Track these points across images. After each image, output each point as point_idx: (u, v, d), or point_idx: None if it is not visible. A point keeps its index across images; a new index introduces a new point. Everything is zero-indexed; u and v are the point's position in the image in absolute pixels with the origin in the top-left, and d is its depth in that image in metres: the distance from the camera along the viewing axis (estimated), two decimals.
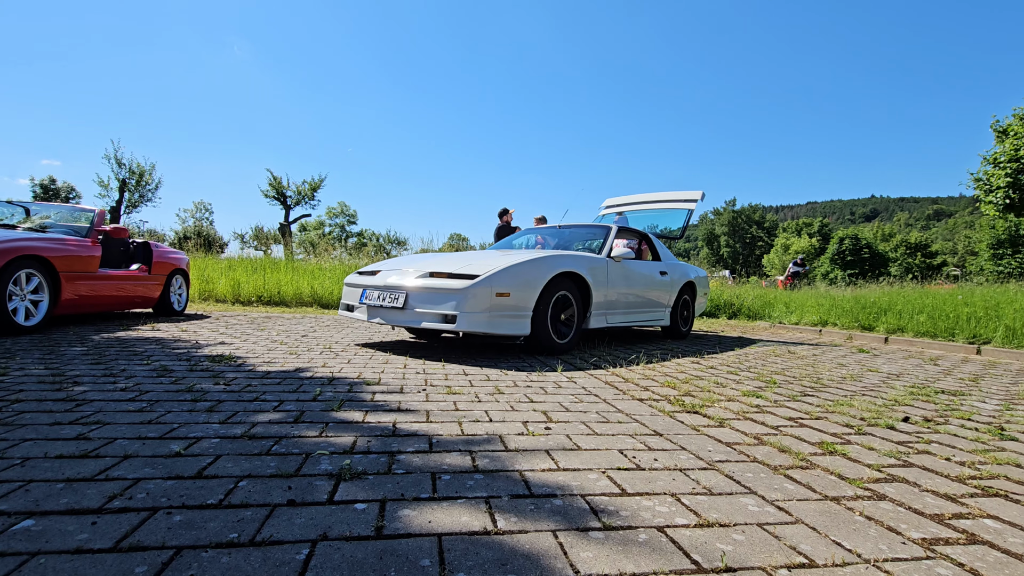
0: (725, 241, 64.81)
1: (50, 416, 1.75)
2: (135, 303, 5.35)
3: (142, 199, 27.53)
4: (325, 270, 9.51)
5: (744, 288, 12.74)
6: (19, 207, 5.03)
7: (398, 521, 1.10)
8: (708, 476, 1.46)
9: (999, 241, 21.17)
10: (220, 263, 9.92)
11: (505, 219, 8.31)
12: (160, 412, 1.85)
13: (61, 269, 4.10)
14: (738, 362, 3.93)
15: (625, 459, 1.57)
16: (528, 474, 1.40)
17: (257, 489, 1.22)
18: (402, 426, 1.81)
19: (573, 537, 1.07)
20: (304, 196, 30.71)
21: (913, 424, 2.19)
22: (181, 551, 0.94)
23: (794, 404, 2.48)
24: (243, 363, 2.92)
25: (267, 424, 1.75)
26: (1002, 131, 17.60)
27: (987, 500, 1.38)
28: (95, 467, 1.32)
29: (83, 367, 2.63)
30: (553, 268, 3.73)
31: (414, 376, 2.77)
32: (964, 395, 2.92)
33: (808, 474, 1.52)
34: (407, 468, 1.40)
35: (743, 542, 1.08)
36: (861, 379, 3.34)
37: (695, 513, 1.21)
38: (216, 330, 4.57)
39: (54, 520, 1.04)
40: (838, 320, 7.58)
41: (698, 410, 2.26)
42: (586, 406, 2.25)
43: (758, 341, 5.80)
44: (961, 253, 55.48)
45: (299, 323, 5.61)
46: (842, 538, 1.12)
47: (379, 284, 3.78)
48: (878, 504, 1.32)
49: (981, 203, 18.23)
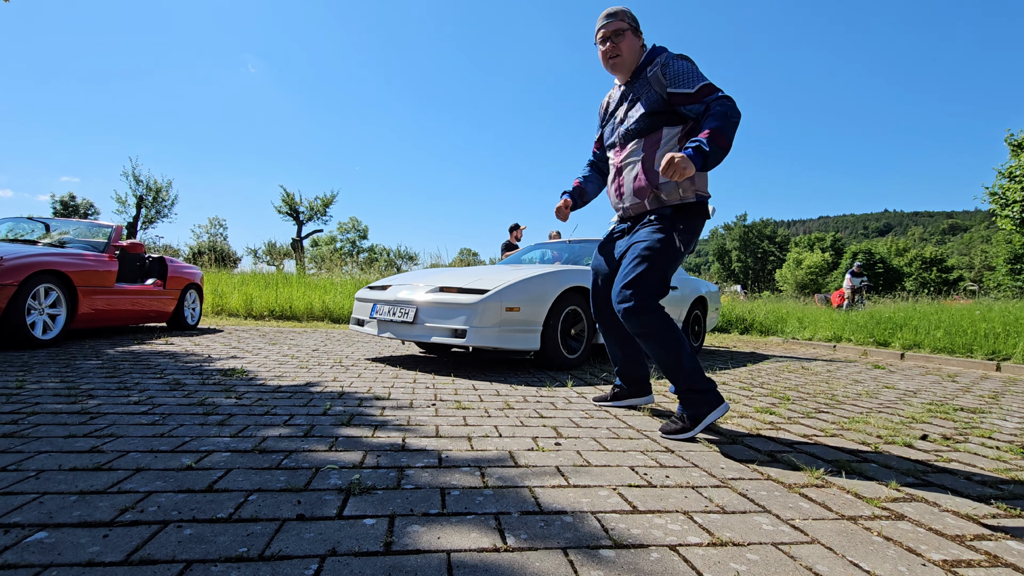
0: (736, 256, 64.47)
1: (65, 429, 1.77)
2: (150, 317, 5.43)
3: (158, 215, 28.08)
4: (336, 285, 9.59)
5: (756, 303, 12.62)
6: (39, 223, 5.15)
7: (407, 537, 1.09)
8: (721, 494, 1.44)
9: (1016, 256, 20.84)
10: (233, 278, 10.04)
11: (515, 235, 8.33)
12: (172, 425, 1.86)
13: (79, 284, 4.17)
14: (750, 378, 3.88)
15: (636, 476, 1.55)
16: (538, 490, 1.39)
17: (267, 503, 1.22)
18: (411, 441, 1.80)
19: (583, 555, 1.05)
20: (316, 212, 31.13)
21: (931, 442, 2.14)
22: (191, 565, 0.94)
23: (808, 421, 2.44)
24: (254, 377, 2.94)
25: (277, 438, 1.76)
26: (1017, 145, 17.45)
27: (1010, 520, 1.35)
28: (107, 480, 1.33)
29: (98, 380, 2.66)
30: (563, 283, 3.73)
31: (424, 391, 2.76)
32: (984, 413, 2.86)
33: (824, 493, 1.49)
34: (416, 483, 1.40)
35: (757, 562, 1.06)
36: (877, 396, 3.29)
37: (708, 532, 1.19)
38: (228, 344, 4.61)
39: (67, 532, 1.05)
40: (852, 336, 7.48)
41: (710, 427, 2.23)
42: (596, 422, 2.23)
43: (771, 357, 5.73)
44: (978, 268, 54.69)
45: (310, 337, 5.65)
46: (859, 559, 1.10)
47: (389, 299, 3.80)
48: (896, 524, 1.29)
49: (997, 217, 18.01)
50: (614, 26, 2.07)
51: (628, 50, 2.07)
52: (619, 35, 2.07)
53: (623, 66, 2.09)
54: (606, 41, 2.07)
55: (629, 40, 2.07)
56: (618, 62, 2.08)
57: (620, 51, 2.06)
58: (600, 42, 2.10)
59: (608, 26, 2.07)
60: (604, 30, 2.08)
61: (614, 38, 2.07)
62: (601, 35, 2.09)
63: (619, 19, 2.07)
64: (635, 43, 2.09)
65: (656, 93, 2.02)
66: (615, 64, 2.10)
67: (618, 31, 2.07)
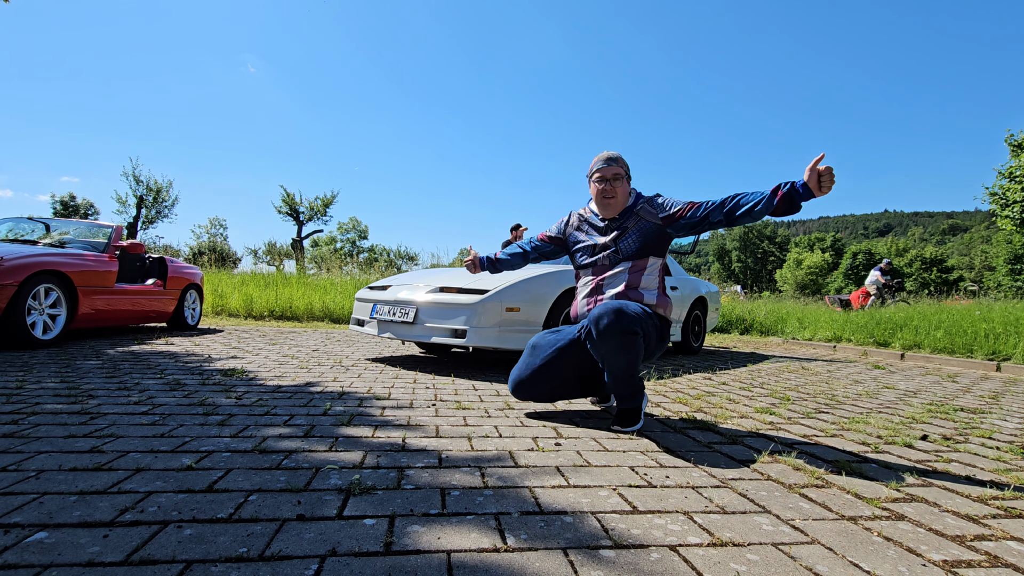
0: (736, 256, 64.47)
1: (65, 429, 1.77)
2: (150, 317, 5.43)
3: (159, 215, 28.06)
4: (336, 285, 9.59)
5: (756, 303, 12.62)
6: (40, 223, 5.15)
7: (407, 537, 1.09)
8: (721, 494, 1.44)
9: (1016, 256, 20.84)
10: (233, 278, 10.04)
11: (516, 235, 8.33)
12: (172, 426, 1.86)
13: (79, 284, 4.17)
14: (751, 378, 3.88)
15: (636, 476, 1.55)
16: (538, 490, 1.39)
17: (267, 503, 1.22)
18: (411, 441, 1.80)
19: (584, 555, 1.05)
20: (316, 212, 31.12)
21: (932, 442, 2.14)
22: (191, 565, 0.94)
23: (808, 421, 2.44)
24: (254, 377, 2.94)
25: (277, 438, 1.76)
26: (1017, 145, 17.45)
27: (1010, 521, 1.35)
28: (108, 480, 1.33)
29: (98, 380, 2.66)
30: (563, 283, 3.73)
31: (424, 391, 2.76)
32: (984, 413, 2.86)
33: (824, 493, 1.49)
34: (416, 483, 1.40)
35: (758, 562, 1.06)
36: (877, 396, 3.29)
37: (708, 532, 1.19)
38: (228, 344, 4.61)
39: (67, 532, 1.05)
40: (852, 336, 7.48)
41: (710, 427, 2.23)
42: (596, 422, 2.23)
43: (771, 357, 5.73)
44: (978, 268, 54.70)
45: (310, 338, 5.65)
46: (860, 559, 1.10)
47: (389, 299, 3.80)
48: (897, 525, 1.29)
49: (997, 217, 18.00)
50: (614, 171, 2.26)
51: (623, 193, 2.28)
52: (618, 179, 2.26)
53: (616, 206, 2.29)
54: (604, 182, 2.27)
55: (624, 185, 2.28)
56: (613, 202, 2.28)
57: (616, 194, 2.27)
58: (598, 181, 2.28)
59: (608, 170, 2.27)
60: (603, 172, 2.27)
61: (613, 181, 2.26)
62: (599, 176, 2.28)
63: (619, 165, 2.28)
64: (628, 188, 2.32)
65: (650, 223, 2.25)
66: (609, 204, 2.29)
67: (617, 176, 2.26)
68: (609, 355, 2.04)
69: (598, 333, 2.01)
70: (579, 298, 2.38)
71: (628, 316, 1.98)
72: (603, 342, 2.01)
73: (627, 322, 1.97)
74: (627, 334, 1.97)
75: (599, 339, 2.02)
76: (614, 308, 2.00)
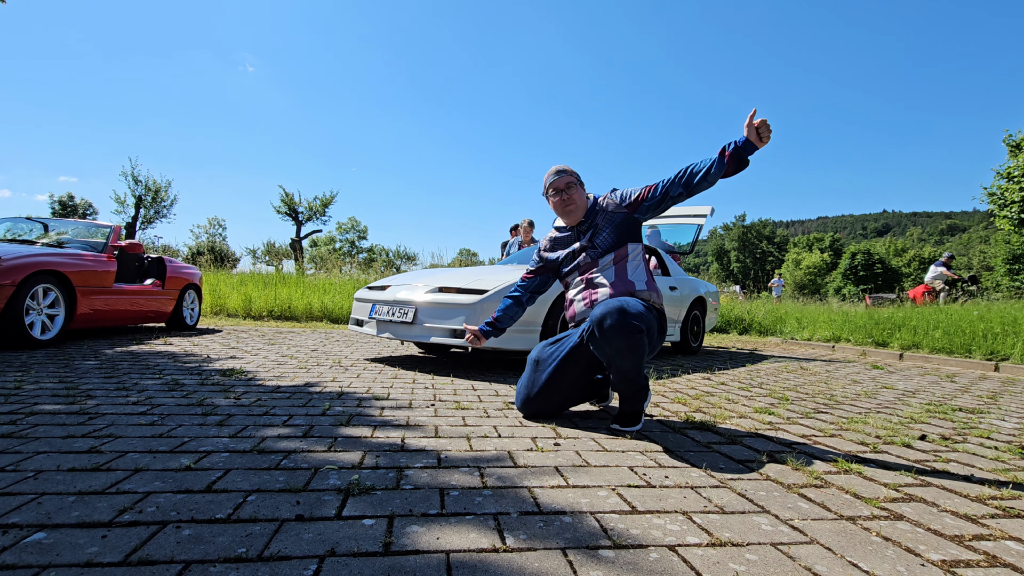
0: (735, 256, 64.47)
1: (63, 429, 1.76)
2: (149, 318, 5.42)
3: (157, 215, 28.01)
4: (335, 285, 9.58)
5: (755, 303, 12.63)
6: (38, 223, 5.14)
7: (406, 537, 1.09)
8: (720, 494, 1.44)
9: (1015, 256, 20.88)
10: (232, 278, 10.03)
11: (514, 235, 8.32)
12: (171, 426, 1.86)
13: (77, 284, 4.17)
14: (749, 378, 3.89)
15: (635, 476, 1.55)
16: (537, 491, 1.39)
17: (266, 504, 1.22)
18: (411, 441, 1.80)
19: (583, 555, 1.05)
20: (315, 212, 31.07)
21: (930, 442, 2.14)
22: (190, 565, 0.94)
23: (807, 421, 2.45)
24: (253, 377, 2.93)
25: (276, 438, 1.75)
26: (1015, 145, 17.47)
27: (1009, 521, 1.35)
28: (106, 480, 1.32)
29: (96, 381, 2.66)
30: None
31: (423, 391, 2.76)
32: (982, 413, 2.86)
33: (823, 493, 1.49)
34: (415, 484, 1.40)
35: (756, 562, 1.06)
36: (876, 396, 3.29)
37: (707, 532, 1.19)
38: (227, 344, 4.60)
39: (65, 533, 1.05)
40: (851, 336, 7.48)
41: (709, 427, 2.23)
42: (595, 422, 2.23)
43: (770, 357, 5.74)
44: (976, 268, 54.77)
45: (309, 338, 5.64)
46: (859, 559, 1.10)
47: (388, 299, 3.80)
48: (895, 524, 1.29)
49: (995, 218, 18.02)
50: (565, 180, 2.37)
51: (580, 199, 2.38)
52: (571, 187, 2.36)
53: (577, 212, 2.38)
54: (560, 193, 2.37)
55: (578, 191, 2.38)
56: (572, 208, 2.37)
57: (574, 200, 2.36)
58: (554, 195, 2.39)
59: (560, 180, 2.37)
60: (556, 184, 2.37)
61: (567, 190, 2.36)
62: (553, 189, 2.38)
63: (569, 174, 2.39)
64: (583, 192, 2.41)
65: (617, 215, 2.34)
66: (570, 211, 2.37)
67: (569, 184, 2.36)
68: (615, 355, 2.03)
69: (602, 334, 2.00)
70: (574, 300, 2.39)
71: (631, 314, 1.98)
72: (608, 343, 2.00)
73: (631, 320, 1.96)
74: (633, 332, 1.96)
75: (603, 340, 2.01)
76: (616, 307, 1.98)
